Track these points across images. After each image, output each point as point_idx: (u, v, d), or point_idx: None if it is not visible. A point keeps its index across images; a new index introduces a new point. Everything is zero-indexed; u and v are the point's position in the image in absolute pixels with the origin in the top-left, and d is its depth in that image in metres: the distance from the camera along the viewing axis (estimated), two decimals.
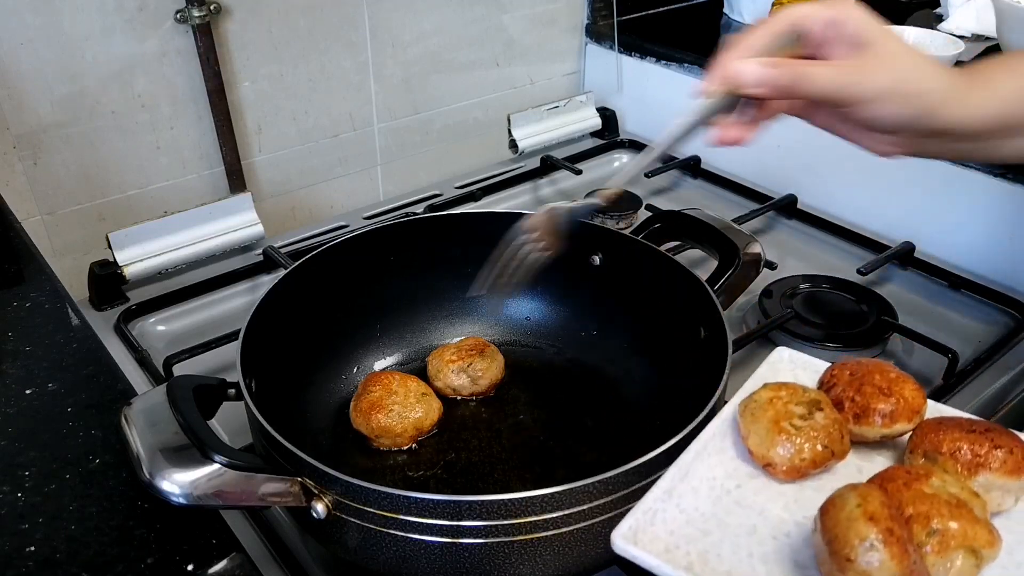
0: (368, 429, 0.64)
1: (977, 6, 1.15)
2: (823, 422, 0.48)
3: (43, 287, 0.66)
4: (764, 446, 0.48)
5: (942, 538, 0.41)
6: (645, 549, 0.43)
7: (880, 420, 0.50)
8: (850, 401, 0.51)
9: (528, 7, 1.17)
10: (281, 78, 0.98)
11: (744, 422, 0.50)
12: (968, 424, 0.49)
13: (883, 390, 0.50)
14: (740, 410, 0.51)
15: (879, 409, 0.50)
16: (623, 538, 0.44)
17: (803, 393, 0.50)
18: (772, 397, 0.50)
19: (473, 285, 0.61)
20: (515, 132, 1.11)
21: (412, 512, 0.46)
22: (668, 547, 0.44)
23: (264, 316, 0.60)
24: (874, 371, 0.52)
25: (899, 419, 0.50)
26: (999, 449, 0.46)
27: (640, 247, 0.70)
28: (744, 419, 0.50)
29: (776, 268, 0.91)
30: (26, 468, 0.50)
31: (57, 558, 0.44)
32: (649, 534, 0.45)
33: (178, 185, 0.95)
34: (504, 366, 0.71)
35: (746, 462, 0.50)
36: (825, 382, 0.53)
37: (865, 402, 0.50)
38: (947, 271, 0.89)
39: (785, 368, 0.57)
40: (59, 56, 0.83)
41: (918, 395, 0.51)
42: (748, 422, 0.50)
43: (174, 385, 0.51)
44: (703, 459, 0.50)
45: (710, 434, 0.51)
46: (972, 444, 0.47)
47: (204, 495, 0.45)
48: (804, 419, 0.48)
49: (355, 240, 0.70)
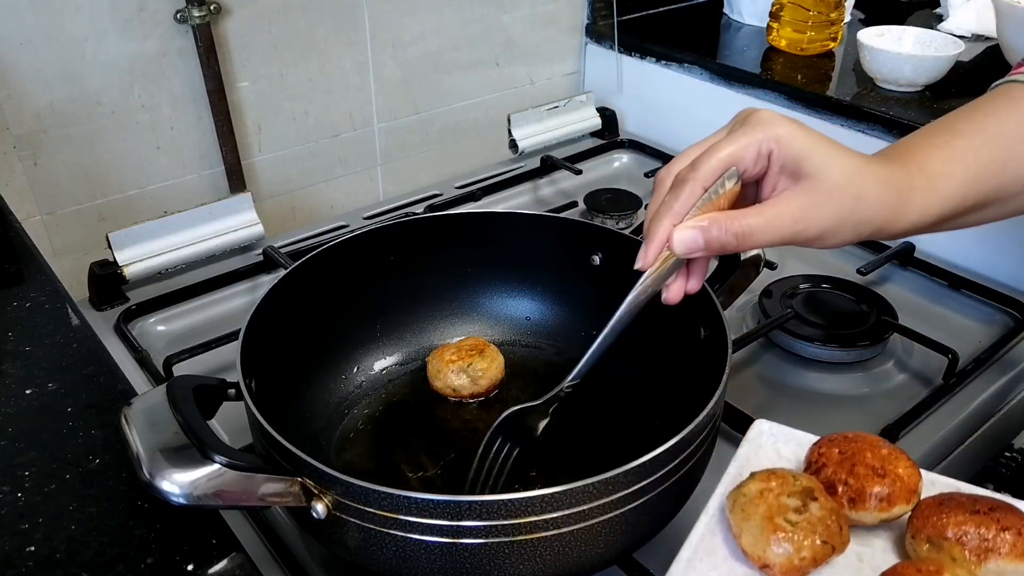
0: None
1: (977, 6, 1.15)
2: (819, 514, 0.45)
3: (43, 287, 0.66)
4: (759, 546, 0.45)
5: None
6: None
7: (876, 504, 0.48)
8: (843, 484, 0.49)
9: (528, 7, 1.17)
10: (281, 78, 0.98)
11: (735, 519, 0.47)
12: (971, 504, 0.46)
13: (877, 471, 0.48)
14: (729, 505, 0.48)
15: (876, 493, 0.48)
16: None
17: (794, 482, 0.47)
18: (762, 489, 0.47)
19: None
20: (515, 132, 1.11)
21: (412, 512, 0.46)
22: None
23: (264, 316, 0.60)
24: (864, 448, 0.50)
25: (897, 502, 0.48)
26: (1007, 531, 0.45)
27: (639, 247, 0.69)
28: (734, 516, 0.47)
29: (776, 268, 0.91)
30: (26, 468, 0.50)
31: (57, 558, 0.44)
32: None
33: (178, 185, 0.95)
34: (504, 366, 0.71)
35: (740, 562, 0.47)
36: (813, 462, 0.51)
37: (860, 485, 0.48)
38: (947, 271, 0.89)
39: (767, 443, 0.55)
40: (59, 56, 0.83)
41: (913, 472, 0.49)
42: (739, 519, 0.47)
43: (174, 385, 0.51)
44: (695, 566, 0.47)
45: (699, 535, 0.48)
46: (979, 527, 0.45)
47: (204, 495, 0.45)
48: (799, 512, 0.46)
49: (355, 240, 0.70)
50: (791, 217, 0.50)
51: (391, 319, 0.75)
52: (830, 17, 1.11)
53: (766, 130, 0.50)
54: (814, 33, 1.12)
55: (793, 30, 1.12)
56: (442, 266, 0.75)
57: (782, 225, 0.50)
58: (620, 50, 1.23)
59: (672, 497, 0.52)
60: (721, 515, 0.49)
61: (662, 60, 1.18)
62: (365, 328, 0.73)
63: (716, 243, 0.50)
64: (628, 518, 0.49)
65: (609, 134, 1.20)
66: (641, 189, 1.06)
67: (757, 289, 0.84)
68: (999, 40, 1.04)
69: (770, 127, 0.50)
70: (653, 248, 0.52)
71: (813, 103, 1.01)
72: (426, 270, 0.74)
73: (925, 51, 1.02)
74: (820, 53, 1.13)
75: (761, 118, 0.51)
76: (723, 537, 0.48)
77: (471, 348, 0.70)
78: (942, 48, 1.01)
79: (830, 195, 0.50)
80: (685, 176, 0.51)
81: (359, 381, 0.72)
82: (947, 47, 1.01)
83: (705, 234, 0.50)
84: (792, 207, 0.50)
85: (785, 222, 0.50)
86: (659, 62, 1.18)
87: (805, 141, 0.50)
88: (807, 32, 1.12)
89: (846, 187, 0.50)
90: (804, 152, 0.50)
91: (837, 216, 0.51)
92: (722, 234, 0.50)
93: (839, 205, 0.50)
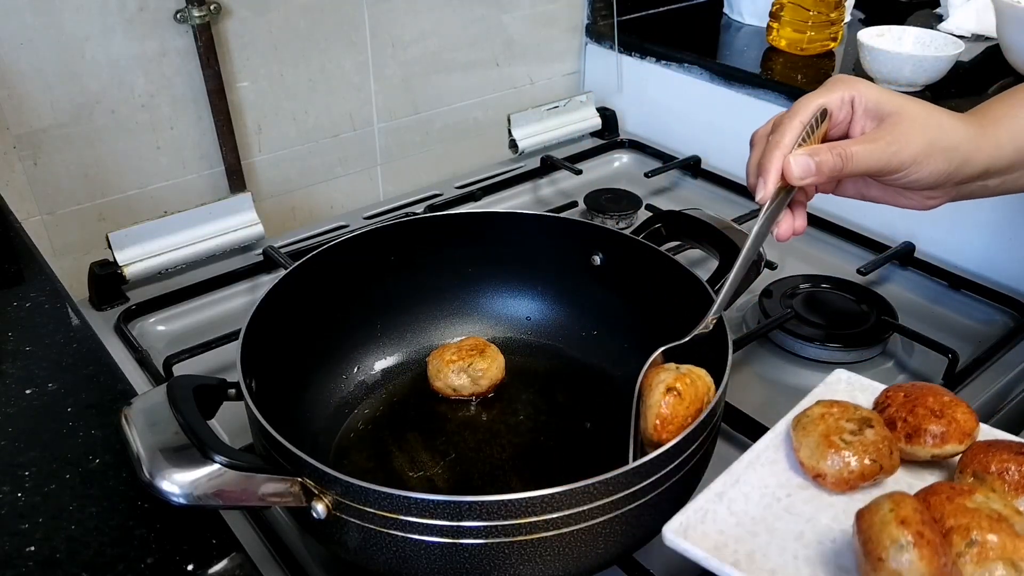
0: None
1: (977, 6, 1.15)
2: (873, 438, 0.50)
3: (43, 287, 0.66)
4: (814, 458, 0.51)
5: (981, 549, 0.43)
6: (695, 544, 0.46)
7: (931, 440, 0.52)
8: (902, 421, 0.53)
9: (528, 7, 1.17)
10: (281, 78, 0.98)
11: (796, 435, 0.53)
12: (1018, 447, 0.50)
13: (935, 412, 0.53)
14: (793, 424, 0.53)
15: (930, 430, 0.52)
16: (674, 532, 0.47)
17: (855, 411, 0.52)
18: (824, 413, 0.52)
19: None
20: (515, 132, 1.11)
21: (412, 512, 0.46)
22: (717, 544, 0.47)
23: (264, 316, 0.60)
24: (928, 394, 0.54)
25: (950, 440, 0.52)
26: None
27: (640, 247, 0.69)
28: (796, 432, 0.53)
29: (776, 268, 0.91)
30: (26, 468, 0.50)
31: (57, 558, 0.44)
32: (699, 531, 0.48)
33: (178, 185, 0.95)
34: (504, 366, 0.71)
35: (797, 474, 0.52)
36: (879, 403, 0.56)
37: (917, 423, 0.53)
38: (947, 271, 0.89)
39: (843, 389, 0.59)
40: (59, 56, 0.83)
41: (970, 418, 0.53)
42: (800, 435, 0.52)
43: (174, 385, 0.51)
44: (755, 468, 0.52)
45: (763, 446, 0.53)
46: (1020, 465, 0.49)
47: (204, 495, 0.45)
48: (854, 434, 0.51)
49: (355, 240, 0.70)
50: (884, 141, 0.56)
51: (391, 319, 0.75)
52: (830, 17, 1.11)
53: (846, 82, 0.58)
54: (814, 33, 1.12)
55: (793, 30, 1.12)
56: (442, 266, 0.75)
57: (877, 148, 0.56)
58: (620, 50, 1.23)
59: (672, 497, 0.52)
60: (787, 436, 0.54)
61: (662, 60, 1.18)
62: (365, 328, 0.73)
63: (826, 166, 0.55)
64: (628, 518, 0.49)
65: (609, 134, 1.20)
66: (641, 189, 1.06)
67: (757, 289, 0.84)
68: (999, 40, 1.03)
69: (849, 81, 0.58)
70: (772, 179, 0.56)
71: None
72: (426, 270, 0.74)
73: (925, 51, 1.02)
74: (820, 53, 1.13)
75: (838, 77, 0.59)
76: (786, 453, 0.54)
77: (471, 348, 0.70)
78: (942, 48, 1.01)
79: (914, 123, 0.56)
80: (783, 118, 0.58)
81: (359, 381, 0.72)
82: (947, 47, 1.01)
83: (815, 157, 0.55)
84: (883, 134, 0.56)
85: (880, 146, 0.56)
86: (659, 62, 1.18)
87: (880, 90, 0.58)
88: (807, 32, 1.12)
89: (927, 118, 0.57)
90: (883, 97, 0.57)
91: (925, 140, 0.56)
92: (829, 157, 0.55)
93: (924, 130, 0.56)
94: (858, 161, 0.56)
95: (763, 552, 0.47)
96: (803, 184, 0.57)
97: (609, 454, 0.62)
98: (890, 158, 0.56)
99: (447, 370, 0.69)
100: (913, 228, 0.94)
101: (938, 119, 0.57)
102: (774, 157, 0.56)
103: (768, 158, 0.56)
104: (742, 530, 0.48)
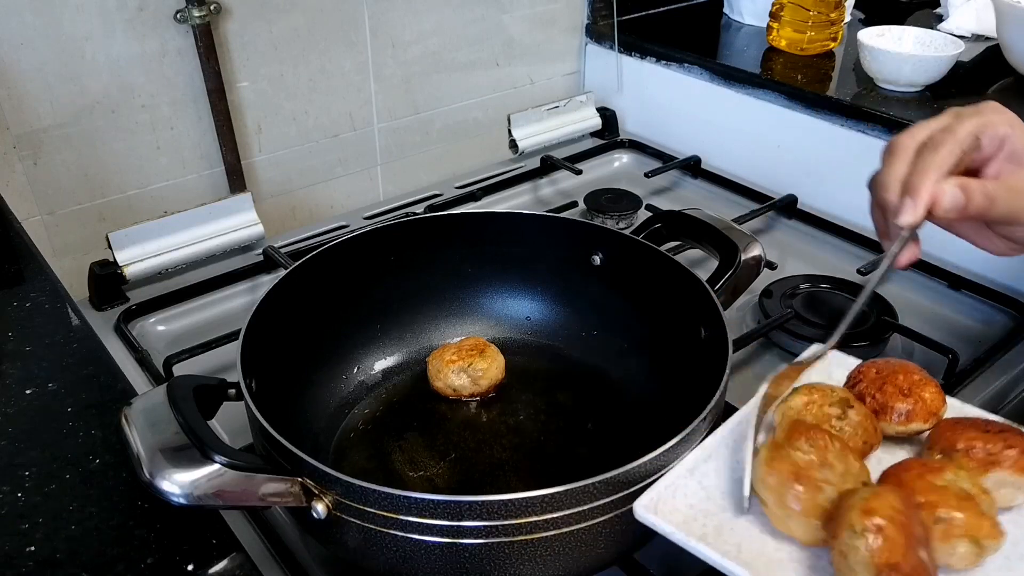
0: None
1: (977, 6, 1.15)
2: (857, 419, 0.52)
3: (43, 287, 0.66)
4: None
5: (947, 527, 0.44)
6: (664, 519, 0.47)
7: (897, 418, 0.53)
8: (871, 397, 0.54)
9: (528, 7, 1.17)
10: (281, 78, 0.98)
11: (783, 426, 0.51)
12: (984, 424, 0.51)
13: (903, 390, 0.54)
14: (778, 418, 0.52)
15: (897, 408, 0.53)
16: (644, 508, 0.47)
17: (831, 392, 0.53)
18: (807, 402, 0.52)
19: None
20: (515, 132, 1.11)
21: (412, 512, 0.46)
22: (686, 519, 0.47)
23: (264, 316, 0.60)
24: (898, 371, 0.55)
25: (915, 419, 0.53)
26: (1011, 449, 0.49)
27: (640, 247, 0.69)
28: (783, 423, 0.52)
29: (776, 268, 0.91)
30: (26, 468, 0.50)
31: (57, 558, 0.44)
32: (669, 506, 0.48)
33: (178, 185, 0.95)
34: (504, 366, 0.71)
35: None
36: (852, 377, 0.57)
37: (884, 400, 0.54)
38: (947, 271, 0.89)
39: (820, 365, 0.59)
40: (59, 56, 0.83)
41: (937, 397, 0.54)
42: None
43: (174, 385, 0.51)
44: (727, 444, 0.52)
45: (736, 421, 0.53)
46: (986, 443, 0.49)
47: (204, 495, 0.45)
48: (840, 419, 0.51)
49: (355, 240, 0.70)
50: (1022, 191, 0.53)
51: (391, 319, 0.75)
52: (830, 17, 1.11)
53: (1002, 116, 0.54)
54: (814, 33, 1.12)
55: (793, 30, 1.12)
56: (442, 266, 0.75)
57: (1018, 195, 0.53)
58: (620, 50, 1.23)
59: None
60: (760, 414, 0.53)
61: (662, 60, 1.18)
62: (365, 328, 0.73)
63: (973, 207, 0.52)
64: (629, 518, 0.49)
65: (609, 134, 1.20)
66: (641, 189, 1.06)
67: (757, 289, 0.83)
68: (999, 40, 1.04)
69: (1006, 114, 0.55)
70: (923, 201, 0.52)
71: (813, 103, 1.01)
72: (426, 270, 0.74)
73: (925, 51, 1.02)
74: (820, 53, 1.13)
75: (994, 106, 0.55)
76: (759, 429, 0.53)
77: (471, 348, 0.70)
78: (942, 48, 1.01)
79: None
80: (943, 138, 0.53)
81: (359, 381, 0.72)
82: (947, 47, 1.01)
83: (966, 192, 0.52)
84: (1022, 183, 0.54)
85: (1020, 194, 0.53)
86: (659, 62, 1.18)
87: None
88: (807, 32, 1.12)
89: None
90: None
91: None
92: (979, 197, 0.52)
93: None
94: (999, 206, 0.53)
95: (730, 526, 0.47)
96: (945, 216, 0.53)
97: (609, 454, 0.62)
98: (1021, 210, 0.54)
99: (447, 370, 0.69)
100: None
101: None
102: (929, 178, 0.52)
103: (923, 178, 0.52)
104: (712, 504, 0.49)
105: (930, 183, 0.52)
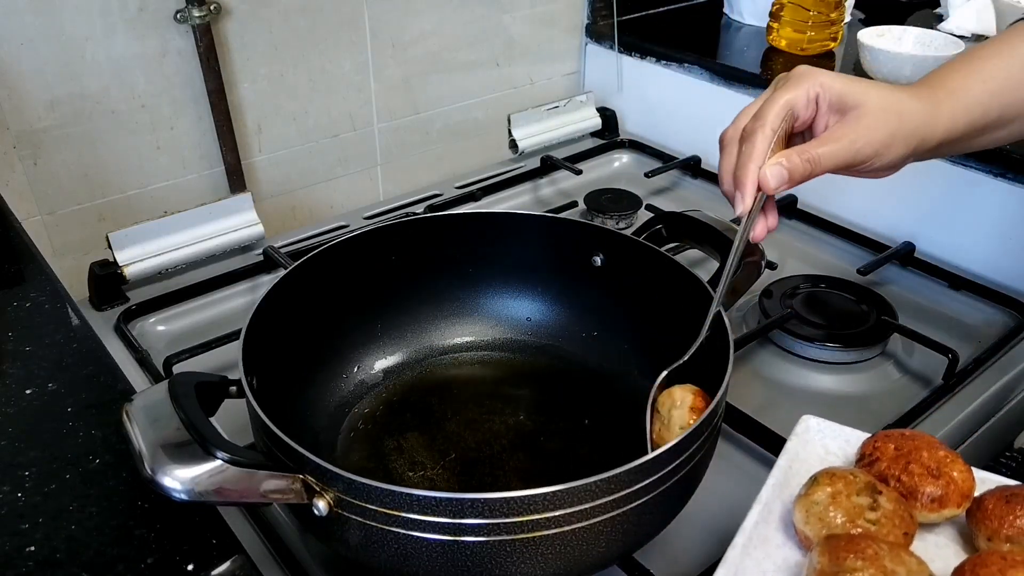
0: None
1: (977, 6, 1.15)
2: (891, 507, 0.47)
3: (43, 287, 0.66)
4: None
5: None
6: None
7: (929, 504, 0.49)
8: (896, 480, 0.49)
9: (528, 7, 1.17)
10: (281, 78, 0.98)
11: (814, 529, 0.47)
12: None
13: (932, 471, 0.49)
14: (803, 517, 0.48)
15: (929, 492, 0.49)
16: None
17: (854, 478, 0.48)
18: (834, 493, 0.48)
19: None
20: (515, 132, 1.11)
21: (414, 509, 0.46)
22: None
23: (265, 316, 0.60)
24: (921, 447, 0.50)
25: (948, 504, 0.49)
26: None
27: (641, 248, 0.69)
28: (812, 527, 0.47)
29: (776, 268, 0.91)
30: (26, 468, 0.49)
31: (57, 558, 0.44)
32: None
33: (178, 185, 0.95)
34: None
35: (793, 549, 0.49)
36: (867, 455, 0.52)
37: (913, 483, 0.49)
38: (947, 271, 0.89)
39: (814, 439, 0.56)
40: (59, 56, 0.83)
41: (968, 477, 0.49)
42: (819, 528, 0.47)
43: (176, 382, 0.51)
44: (749, 553, 0.48)
45: (752, 523, 0.49)
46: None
47: (206, 491, 0.45)
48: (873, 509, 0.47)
49: (355, 240, 0.70)
50: (848, 140, 0.57)
51: (391, 319, 0.75)
52: (830, 17, 1.11)
53: (810, 78, 0.59)
54: (814, 33, 1.12)
55: (793, 30, 1.13)
56: (442, 266, 0.75)
57: (842, 147, 0.57)
58: (620, 50, 1.23)
59: (673, 497, 0.52)
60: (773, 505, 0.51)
61: (662, 60, 1.18)
62: (365, 328, 0.73)
63: (797, 173, 0.57)
64: (629, 517, 0.49)
65: (609, 134, 1.20)
66: (641, 189, 1.06)
67: (757, 289, 0.84)
68: None
69: (813, 76, 0.59)
70: (749, 192, 0.57)
71: None
72: (426, 270, 0.74)
73: (925, 51, 1.02)
74: (820, 53, 1.13)
75: (801, 71, 0.60)
76: (775, 526, 0.50)
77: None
78: (942, 48, 1.01)
79: (875, 116, 0.57)
80: (754, 127, 0.58)
81: (359, 381, 0.72)
82: (947, 47, 1.01)
83: (787, 164, 0.56)
84: (847, 131, 0.57)
85: (844, 144, 0.57)
86: (659, 62, 1.18)
87: (844, 81, 0.59)
88: (807, 32, 1.12)
89: (888, 107, 0.58)
90: (845, 89, 0.58)
91: (886, 132, 0.57)
92: (799, 163, 0.56)
93: (885, 122, 0.57)
94: (825, 163, 0.57)
95: None
96: (778, 192, 0.58)
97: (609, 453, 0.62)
98: (854, 155, 0.57)
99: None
100: (913, 228, 0.94)
101: (897, 105, 0.58)
102: (749, 171, 0.57)
103: (743, 171, 0.57)
104: None
105: (752, 174, 0.57)
